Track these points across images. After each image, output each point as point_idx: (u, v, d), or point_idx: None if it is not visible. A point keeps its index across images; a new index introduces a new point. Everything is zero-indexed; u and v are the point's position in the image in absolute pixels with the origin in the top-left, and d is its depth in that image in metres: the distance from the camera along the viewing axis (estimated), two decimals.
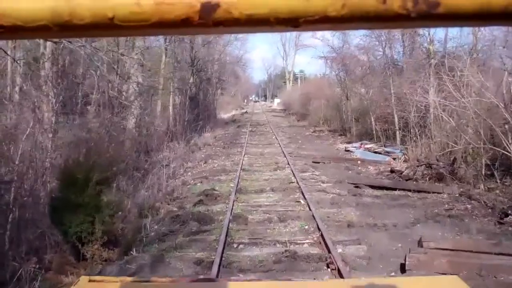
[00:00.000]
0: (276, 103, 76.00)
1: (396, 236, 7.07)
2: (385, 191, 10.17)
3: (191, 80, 27.23)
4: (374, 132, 19.40)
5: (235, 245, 6.56)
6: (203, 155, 16.07)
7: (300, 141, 20.92)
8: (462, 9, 0.41)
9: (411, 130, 15.91)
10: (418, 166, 11.79)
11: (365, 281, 2.11)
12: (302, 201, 8.79)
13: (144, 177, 12.36)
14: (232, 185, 10.45)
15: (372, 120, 19.39)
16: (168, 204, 8.87)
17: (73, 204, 5.83)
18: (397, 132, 16.51)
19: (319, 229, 6.96)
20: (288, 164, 13.43)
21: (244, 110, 56.48)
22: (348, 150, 17.64)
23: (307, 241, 6.68)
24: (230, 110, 50.49)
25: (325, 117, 29.49)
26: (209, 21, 0.42)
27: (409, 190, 10.15)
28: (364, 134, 20.68)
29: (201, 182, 11.21)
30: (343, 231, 7.19)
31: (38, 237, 7.26)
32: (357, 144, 18.64)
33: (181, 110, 24.04)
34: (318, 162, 14.41)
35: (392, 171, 12.12)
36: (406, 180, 11.26)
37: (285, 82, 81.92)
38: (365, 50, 22.25)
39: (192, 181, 11.36)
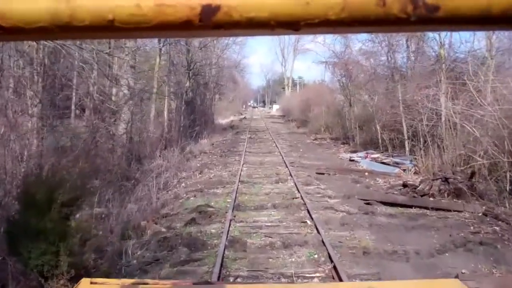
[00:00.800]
0: (275, 109, 75.36)
1: (422, 268, 5.99)
2: (399, 209, 9.10)
3: (187, 84, 26.18)
4: (380, 141, 18.36)
5: (231, 279, 5.46)
6: (198, 164, 14.98)
7: (301, 150, 19.86)
8: (462, 13, 0.41)
9: (421, 140, 14.89)
10: (433, 180, 10.72)
11: (366, 284, 2.17)
12: (309, 222, 7.70)
13: (135, 187, 11.27)
14: (229, 200, 9.36)
15: (378, 128, 18.35)
16: (156, 223, 7.75)
17: (33, 231, 4.74)
18: (406, 142, 15.45)
19: (331, 259, 5.88)
20: (291, 175, 12.36)
21: (243, 116, 55.49)
22: (353, 160, 16.58)
23: (318, 274, 5.59)
24: (228, 116, 49.55)
25: (326, 124, 28.48)
26: (210, 24, 0.41)
27: (427, 208, 9.08)
28: (369, 143, 19.64)
29: (195, 196, 10.11)
30: (358, 261, 6.10)
31: (0, 265, 6.18)
32: (362, 154, 17.59)
33: (176, 116, 22.99)
34: (323, 173, 13.35)
35: (404, 185, 11.04)
36: (422, 196, 10.19)
37: (283, 88, 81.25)
38: (369, 55, 21.29)
39: (185, 195, 10.26)
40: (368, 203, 9.37)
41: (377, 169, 14.30)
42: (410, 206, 9.21)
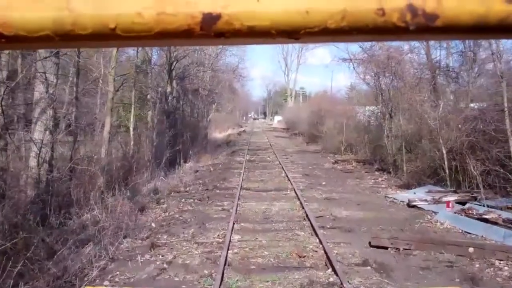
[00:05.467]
0: (277, 121, 69.93)
1: None
2: None
3: (168, 89, 19.93)
4: (446, 171, 12.00)
5: None
6: (154, 224, 8.49)
7: (324, 183, 13.43)
8: (460, 22, 0.41)
9: None
10: None
11: None
12: None
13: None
14: None
15: (444, 152, 12.01)
16: None
17: None
18: None
19: None
20: (328, 261, 5.98)
21: (242, 129, 49.36)
22: (414, 206, 10.19)
23: None
24: (226, 129, 43.42)
25: (348, 142, 22.15)
26: (211, 32, 0.42)
27: None
28: (425, 174, 13.25)
29: None
30: None
31: None
32: (422, 193, 11.18)
33: (150, 132, 16.67)
34: (386, 248, 6.98)
35: None
36: None
37: (285, 99, 75.96)
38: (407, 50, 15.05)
39: None
40: None
41: (477, 233, 7.93)
42: None
